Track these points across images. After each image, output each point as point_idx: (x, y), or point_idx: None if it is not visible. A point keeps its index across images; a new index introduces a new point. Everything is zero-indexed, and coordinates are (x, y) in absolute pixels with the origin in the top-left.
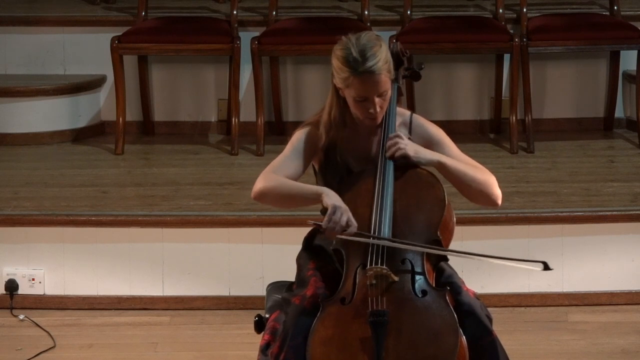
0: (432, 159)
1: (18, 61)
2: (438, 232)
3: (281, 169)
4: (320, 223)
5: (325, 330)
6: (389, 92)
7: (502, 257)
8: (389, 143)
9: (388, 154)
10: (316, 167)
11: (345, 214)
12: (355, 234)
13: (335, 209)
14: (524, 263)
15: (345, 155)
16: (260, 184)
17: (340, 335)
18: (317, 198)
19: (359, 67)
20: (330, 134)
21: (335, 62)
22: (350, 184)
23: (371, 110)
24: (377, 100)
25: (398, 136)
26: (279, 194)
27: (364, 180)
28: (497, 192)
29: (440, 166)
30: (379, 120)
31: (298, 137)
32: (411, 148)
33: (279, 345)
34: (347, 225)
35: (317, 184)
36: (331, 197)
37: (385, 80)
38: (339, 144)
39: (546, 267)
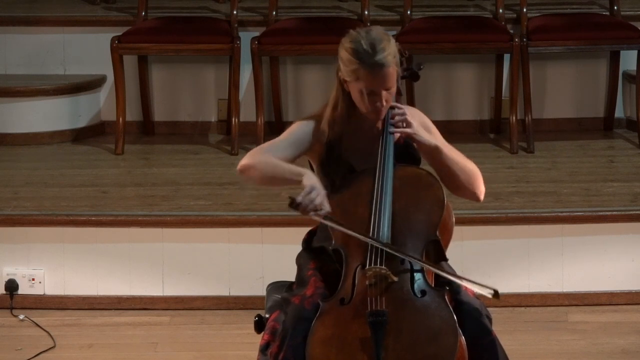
0: (430, 142)
1: (18, 61)
2: (437, 232)
3: (271, 150)
4: (294, 197)
5: (325, 330)
6: (395, 87)
7: (460, 277)
8: (395, 114)
9: (392, 121)
10: (315, 164)
11: (320, 197)
12: (328, 220)
13: (312, 188)
14: (477, 286)
15: (348, 151)
16: (246, 159)
17: (339, 335)
18: (297, 179)
19: (369, 60)
20: (334, 130)
21: (344, 54)
22: (350, 183)
23: (378, 104)
24: (384, 94)
25: (405, 109)
26: (262, 171)
27: (364, 180)
28: (482, 187)
29: (437, 151)
30: (383, 114)
31: (297, 127)
32: (415, 125)
33: (278, 345)
34: (321, 207)
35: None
36: (310, 178)
37: (393, 74)
38: (343, 139)
39: (496, 294)
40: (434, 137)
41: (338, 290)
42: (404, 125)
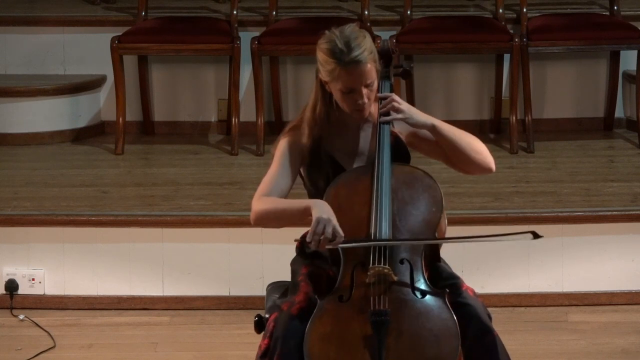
0: (425, 122)
1: (18, 61)
2: (436, 234)
3: (272, 189)
4: (304, 239)
5: (324, 327)
6: (375, 83)
7: (491, 235)
8: (384, 102)
9: (382, 110)
10: (303, 170)
11: (329, 225)
12: (345, 242)
13: (318, 221)
14: (513, 236)
15: (331, 151)
16: (254, 210)
17: (339, 333)
18: (307, 212)
19: (345, 58)
20: (314, 132)
21: (321, 56)
22: (347, 181)
23: (359, 102)
24: (364, 91)
25: (392, 96)
26: (274, 217)
27: (361, 178)
28: (491, 157)
29: (434, 129)
30: (367, 112)
31: (282, 148)
32: (405, 107)
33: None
34: (333, 235)
35: (304, 185)
36: (317, 209)
37: (371, 69)
38: (323, 140)
39: (535, 235)
40: (427, 116)
41: (336, 287)
42: (395, 110)
